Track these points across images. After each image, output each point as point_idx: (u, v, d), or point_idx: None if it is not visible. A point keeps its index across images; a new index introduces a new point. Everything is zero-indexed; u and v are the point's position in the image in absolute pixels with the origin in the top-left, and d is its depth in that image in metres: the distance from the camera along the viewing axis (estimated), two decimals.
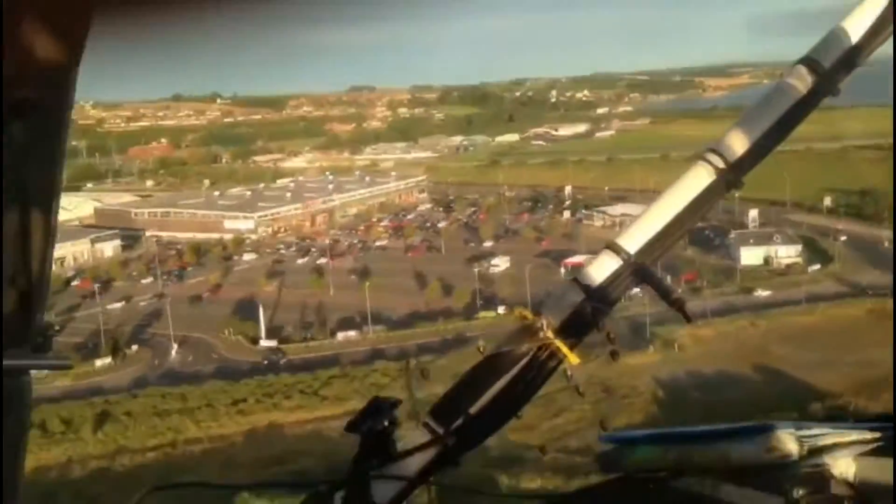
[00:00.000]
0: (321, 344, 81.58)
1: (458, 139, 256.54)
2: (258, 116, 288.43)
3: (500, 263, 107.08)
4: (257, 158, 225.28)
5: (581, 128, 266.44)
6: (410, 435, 2.17)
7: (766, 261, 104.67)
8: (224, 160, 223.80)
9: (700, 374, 71.13)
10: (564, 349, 2.11)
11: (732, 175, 2.13)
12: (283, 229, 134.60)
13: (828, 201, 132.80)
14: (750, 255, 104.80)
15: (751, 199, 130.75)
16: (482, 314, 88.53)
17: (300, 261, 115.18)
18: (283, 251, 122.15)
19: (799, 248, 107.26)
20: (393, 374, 72.05)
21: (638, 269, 2.14)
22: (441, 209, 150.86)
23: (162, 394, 65.83)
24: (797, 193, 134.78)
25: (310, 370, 72.19)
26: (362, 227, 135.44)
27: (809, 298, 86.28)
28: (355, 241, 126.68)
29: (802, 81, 2.13)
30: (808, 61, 2.13)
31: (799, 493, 2.14)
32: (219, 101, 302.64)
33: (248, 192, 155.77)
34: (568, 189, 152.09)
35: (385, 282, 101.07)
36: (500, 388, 2.15)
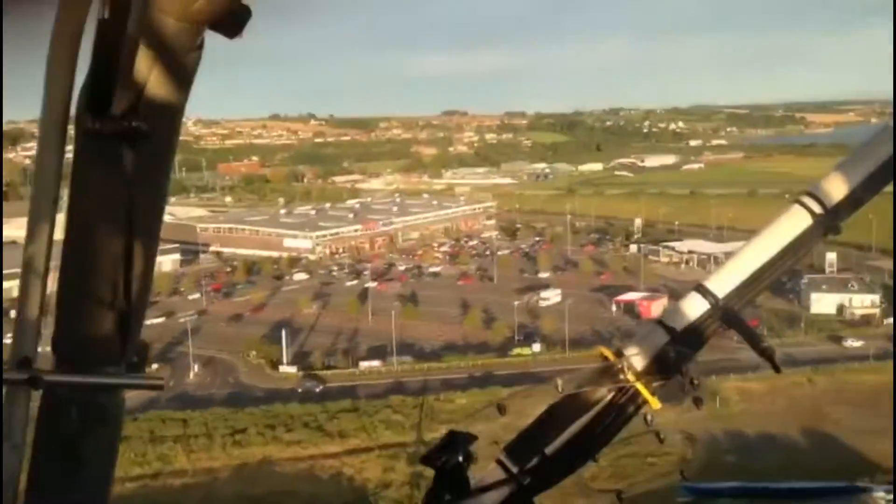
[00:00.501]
0: (342, 373, 77.54)
1: (540, 166, 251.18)
2: (347, 137, 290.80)
3: (551, 297, 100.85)
4: (336, 178, 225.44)
5: (669, 159, 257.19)
6: (485, 472, 2.08)
7: (840, 310, 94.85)
8: (305, 179, 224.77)
9: (739, 435, 63.48)
10: (646, 393, 2.03)
11: (830, 220, 2.09)
12: (340, 250, 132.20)
13: None
14: (822, 303, 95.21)
15: (831, 240, 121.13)
16: (517, 351, 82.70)
17: (349, 283, 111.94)
18: (335, 272, 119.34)
19: (877, 297, 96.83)
20: (407, 410, 67.39)
21: (726, 314, 2.07)
22: (505, 236, 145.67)
23: (163, 418, 63.03)
24: (886, 236, 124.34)
25: (320, 401, 68.32)
26: (420, 252, 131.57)
27: (878, 355, 76.98)
28: (409, 266, 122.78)
29: None
30: None
31: None
32: (313, 121, 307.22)
33: (314, 212, 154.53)
34: (638, 222, 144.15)
35: (427, 310, 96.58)
36: (577, 430, 2.07)
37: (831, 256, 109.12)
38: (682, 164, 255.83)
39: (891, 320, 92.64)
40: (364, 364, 78.99)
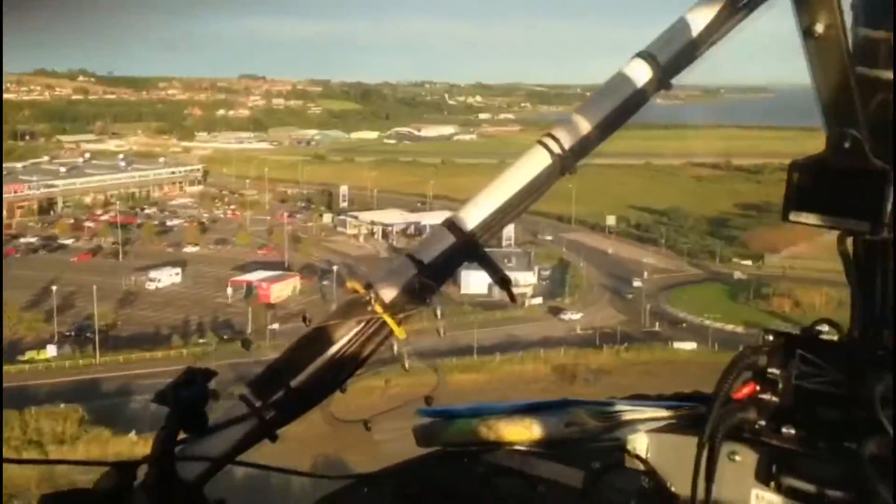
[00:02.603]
0: None
1: (311, 132, 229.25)
2: (113, 96, 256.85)
3: (163, 277, 78.87)
4: (64, 138, 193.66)
5: (447, 130, 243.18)
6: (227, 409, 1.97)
7: (490, 290, 78.75)
8: (28, 138, 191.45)
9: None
10: (393, 324, 1.98)
11: (568, 160, 2.06)
12: None
13: (611, 220, 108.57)
14: (475, 282, 78.70)
15: (542, 212, 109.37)
16: (29, 355, 60.44)
17: None
18: None
19: (531, 275, 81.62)
20: None
21: (471, 247, 2.03)
22: (202, 204, 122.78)
23: None
24: (606, 208, 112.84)
25: None
26: (71, 221, 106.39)
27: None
28: (37, 239, 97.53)
29: (639, 75, 2.06)
30: (646, 56, 2.06)
31: (596, 465, 2.18)
32: (81, 77, 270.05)
33: None
34: (343, 189, 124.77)
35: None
36: (323, 362, 1.99)
37: (509, 230, 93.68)
38: (455, 135, 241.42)
39: (539, 300, 78.30)
40: None
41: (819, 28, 1.79)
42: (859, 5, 1.95)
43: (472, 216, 2.06)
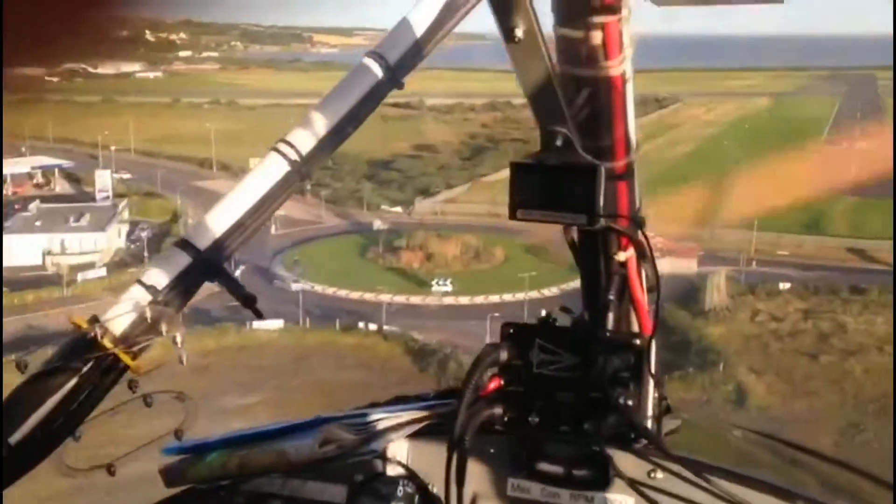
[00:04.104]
0: None
1: None
2: None
3: None
4: None
5: (129, 67, 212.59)
6: None
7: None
8: None
9: None
10: (126, 358, 1.83)
11: (306, 167, 2.00)
12: None
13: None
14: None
15: (183, 157, 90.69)
16: None
17: None
18: None
19: (104, 237, 61.68)
20: None
21: (208, 266, 1.91)
22: None
23: None
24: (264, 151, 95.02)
25: None
26: None
27: None
28: None
29: (370, 74, 2.06)
30: (375, 56, 2.05)
31: (358, 478, 2.15)
32: None
33: None
34: None
35: None
36: (48, 410, 1.79)
37: (105, 178, 72.33)
38: (139, 72, 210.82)
39: (103, 272, 58.72)
40: None
41: (519, 33, 1.79)
42: (559, 7, 1.95)
43: (208, 232, 1.93)
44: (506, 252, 67.32)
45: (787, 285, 58.17)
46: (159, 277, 1.88)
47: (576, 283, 2.33)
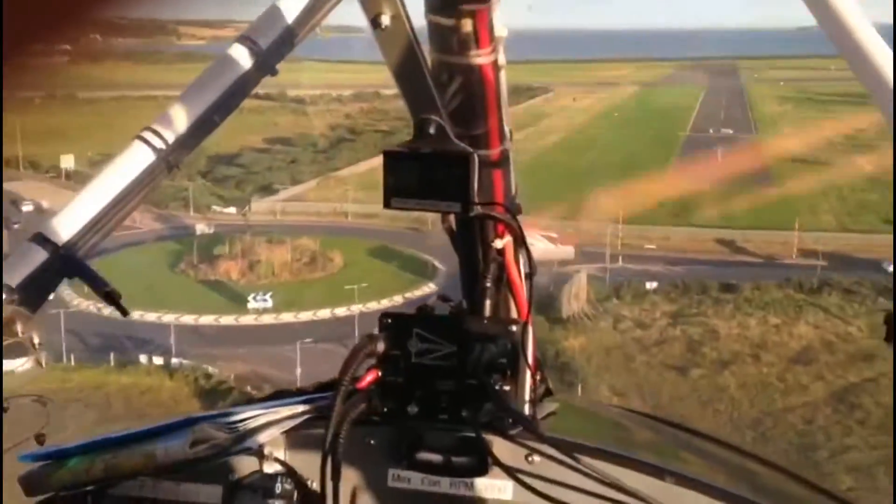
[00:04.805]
0: None
1: None
2: None
3: None
4: None
5: None
6: None
7: None
8: None
9: None
10: None
11: (174, 156, 1.88)
12: None
13: (68, 161, 78.19)
14: None
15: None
16: None
17: None
18: None
19: None
20: None
21: (66, 261, 1.81)
22: None
23: None
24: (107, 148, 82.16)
25: None
26: None
27: None
28: None
29: (241, 60, 1.93)
30: (246, 41, 1.92)
31: (234, 477, 2.09)
32: None
33: None
34: None
35: None
36: None
37: None
38: None
39: None
40: None
41: (385, 20, 1.80)
42: None
43: (66, 225, 1.82)
44: (346, 257, 58.01)
45: (654, 284, 51.65)
46: (13, 275, 1.74)
47: (421, 291, 1.94)
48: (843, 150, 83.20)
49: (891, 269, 45.03)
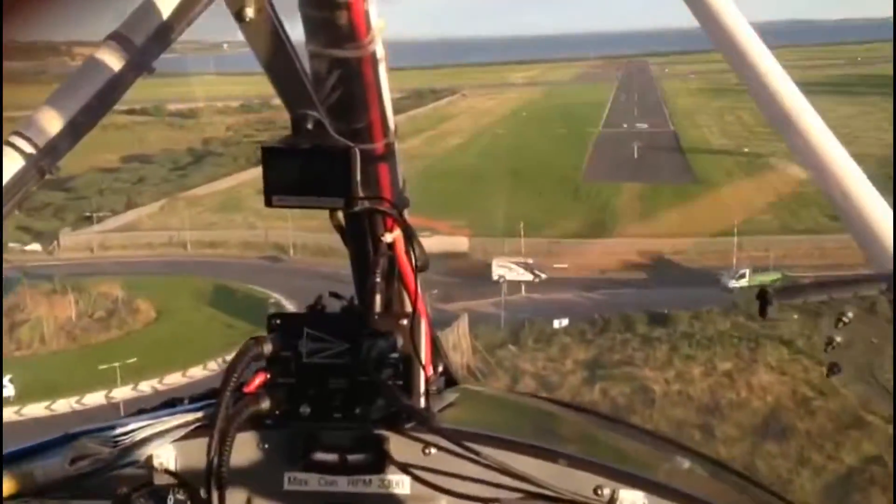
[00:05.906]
0: None
1: None
2: None
3: None
4: None
5: None
6: None
7: None
8: None
9: None
10: None
11: (46, 161, 1.77)
12: None
13: None
14: None
15: None
16: None
17: None
18: None
19: None
20: None
21: None
22: None
23: None
24: None
25: None
26: None
27: None
28: None
29: (114, 58, 1.82)
30: (119, 38, 1.81)
31: (123, 490, 1.98)
32: None
33: None
34: None
35: None
36: None
37: None
38: None
39: None
40: None
41: (249, 13, 1.73)
42: None
43: None
44: (162, 303, 42.75)
45: (565, 322, 38.34)
46: None
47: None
48: (766, 139, 72.25)
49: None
